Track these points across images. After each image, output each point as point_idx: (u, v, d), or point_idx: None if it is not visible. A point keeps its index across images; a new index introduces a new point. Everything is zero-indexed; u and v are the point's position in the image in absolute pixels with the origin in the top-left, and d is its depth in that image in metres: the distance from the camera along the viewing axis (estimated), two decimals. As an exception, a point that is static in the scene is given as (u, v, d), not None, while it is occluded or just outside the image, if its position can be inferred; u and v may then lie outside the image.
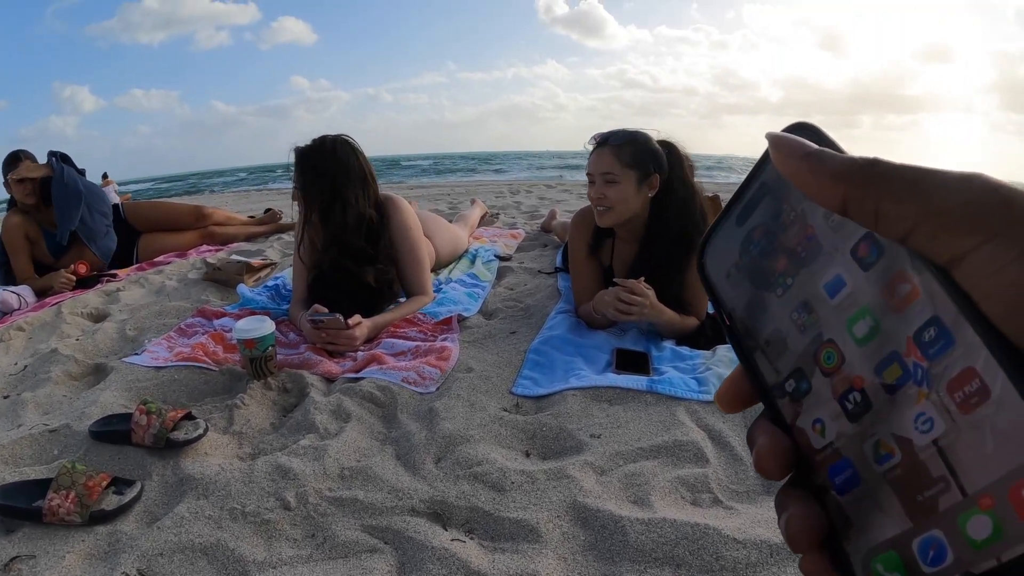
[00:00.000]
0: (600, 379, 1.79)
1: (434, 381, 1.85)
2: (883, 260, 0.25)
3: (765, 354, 0.30)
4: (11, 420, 1.79)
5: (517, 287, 2.91)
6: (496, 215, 5.08)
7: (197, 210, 4.38)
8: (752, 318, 0.31)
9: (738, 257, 0.32)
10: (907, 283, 0.24)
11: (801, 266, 0.28)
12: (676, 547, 1.13)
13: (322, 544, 1.22)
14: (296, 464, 1.42)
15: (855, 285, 0.26)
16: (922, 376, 0.23)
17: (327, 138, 2.34)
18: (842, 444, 0.26)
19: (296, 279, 2.50)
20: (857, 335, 0.26)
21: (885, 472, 0.24)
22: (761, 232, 0.31)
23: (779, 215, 0.30)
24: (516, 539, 1.21)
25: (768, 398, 0.30)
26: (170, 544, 1.20)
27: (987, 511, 0.20)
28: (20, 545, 1.25)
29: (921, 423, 0.23)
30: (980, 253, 0.21)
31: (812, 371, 0.28)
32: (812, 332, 0.28)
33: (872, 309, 0.25)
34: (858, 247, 0.26)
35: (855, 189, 0.24)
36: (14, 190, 3.54)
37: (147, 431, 1.51)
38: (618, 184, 2.12)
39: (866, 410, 0.25)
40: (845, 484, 0.26)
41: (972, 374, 0.21)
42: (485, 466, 1.40)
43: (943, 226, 0.22)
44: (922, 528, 0.23)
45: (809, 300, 0.28)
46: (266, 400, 1.80)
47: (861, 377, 0.26)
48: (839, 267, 0.27)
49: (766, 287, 0.30)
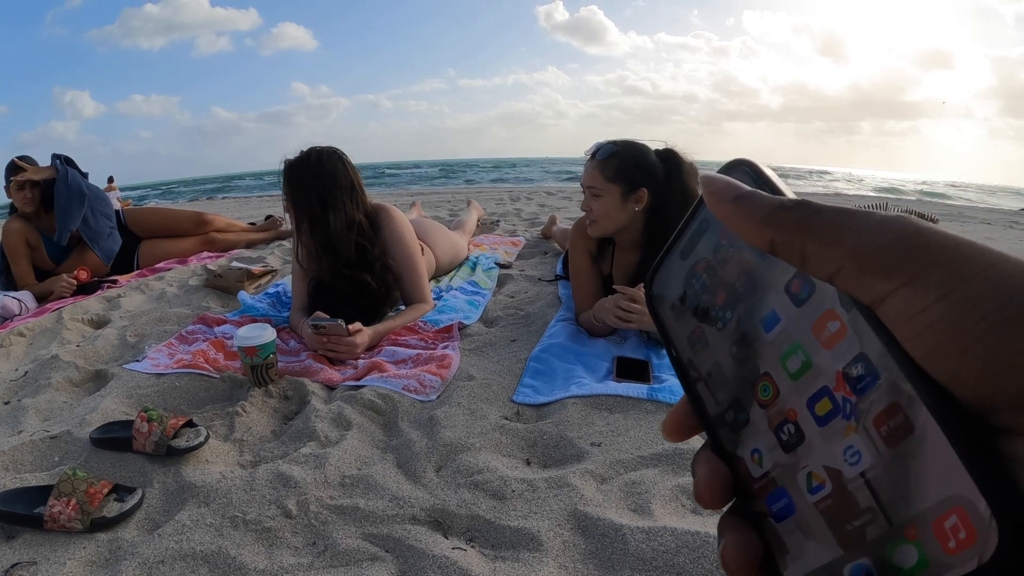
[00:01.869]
0: (601, 387, 1.79)
1: (435, 389, 1.85)
2: (814, 297, 0.26)
3: (707, 385, 0.31)
4: (12, 426, 1.79)
5: (518, 295, 2.92)
6: (496, 222, 5.09)
7: (197, 216, 4.38)
8: (695, 350, 0.32)
9: (682, 291, 0.33)
10: (836, 320, 0.25)
11: (739, 301, 0.29)
12: (677, 555, 1.13)
13: (323, 552, 1.22)
14: (297, 472, 1.42)
15: (788, 321, 0.27)
16: (851, 410, 0.24)
17: (313, 150, 2.37)
18: (778, 474, 0.27)
19: (296, 287, 2.50)
20: (791, 369, 0.27)
21: (817, 502, 0.25)
22: (703, 266, 0.31)
23: (719, 250, 0.30)
24: (517, 547, 1.21)
25: (710, 428, 0.31)
26: (171, 552, 1.20)
27: (912, 541, 0.21)
28: (21, 551, 1.25)
29: (850, 455, 0.24)
30: (899, 296, 0.22)
31: (750, 403, 0.29)
32: (750, 365, 0.29)
33: (804, 345, 0.26)
34: (791, 283, 0.27)
35: (782, 233, 0.25)
36: (14, 197, 3.55)
37: (148, 438, 1.51)
38: (601, 198, 2.15)
39: (800, 441, 0.26)
40: (781, 512, 0.27)
41: (896, 409, 0.22)
42: (486, 474, 1.40)
43: (864, 268, 0.23)
44: (852, 556, 0.23)
45: (747, 334, 0.29)
46: (267, 408, 1.80)
47: (795, 410, 0.26)
48: (774, 303, 0.27)
49: (707, 320, 0.31)
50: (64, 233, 3.55)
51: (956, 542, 0.20)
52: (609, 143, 2.18)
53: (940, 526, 0.20)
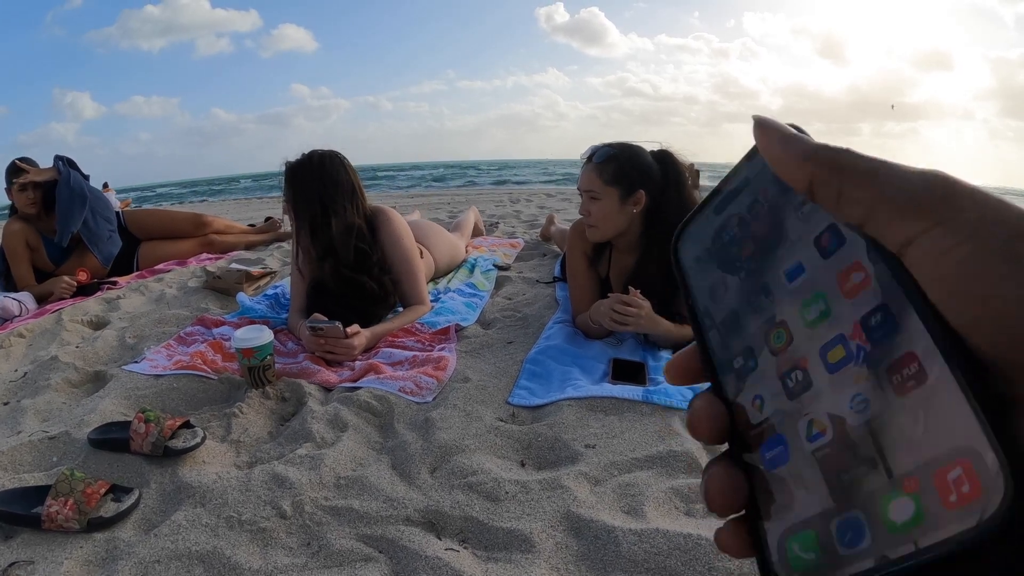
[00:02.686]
0: (596, 389, 1.79)
1: (431, 391, 1.86)
2: (842, 250, 0.26)
3: (719, 332, 0.31)
4: (10, 427, 1.80)
5: (515, 297, 2.92)
6: (495, 224, 5.09)
7: (197, 218, 4.39)
8: (713, 299, 0.32)
9: (710, 243, 0.33)
10: (861, 272, 0.25)
11: (766, 252, 0.30)
12: (668, 558, 1.14)
13: (317, 553, 1.23)
14: (293, 473, 1.43)
15: (813, 272, 0.27)
16: (864, 358, 0.24)
17: (315, 153, 2.38)
18: (778, 420, 0.27)
19: (294, 289, 2.51)
20: (808, 318, 0.27)
21: (815, 450, 0.25)
22: (735, 221, 0.32)
23: (754, 206, 0.31)
24: (509, 549, 1.21)
25: (714, 374, 0.31)
26: (167, 551, 1.21)
27: (911, 494, 0.21)
28: (18, 551, 1.26)
29: (857, 403, 0.24)
30: (927, 238, 0.23)
31: (761, 350, 0.29)
32: (766, 314, 0.29)
33: (826, 294, 0.26)
34: (821, 237, 0.27)
35: (821, 171, 0.26)
36: (16, 198, 3.56)
37: (145, 439, 1.52)
38: (599, 201, 2.14)
39: (806, 388, 0.26)
40: (775, 460, 0.27)
41: (912, 358, 0.22)
42: (480, 476, 1.41)
43: (895, 211, 0.24)
44: (843, 508, 0.23)
45: (769, 283, 0.29)
46: (264, 409, 1.81)
47: (806, 357, 0.27)
48: (801, 255, 0.28)
49: (731, 271, 0.31)
50: (65, 235, 3.56)
51: (957, 496, 0.19)
52: (605, 146, 2.18)
53: (943, 478, 0.20)
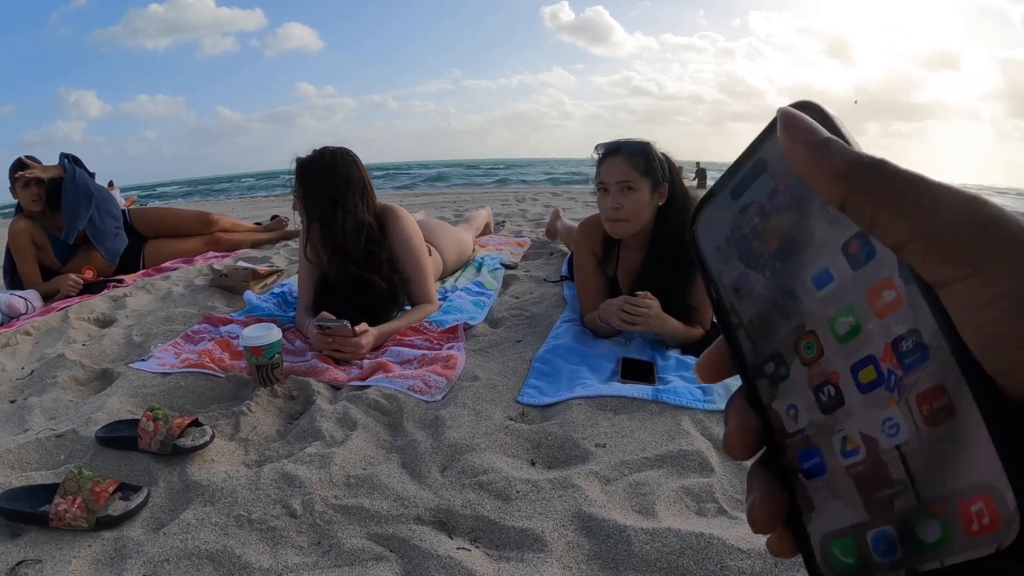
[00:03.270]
0: (605, 388, 1.78)
1: (440, 390, 1.85)
2: (873, 262, 0.25)
3: (748, 333, 0.31)
4: (18, 424, 1.80)
5: (523, 295, 2.92)
6: (502, 223, 5.08)
7: (203, 216, 4.39)
8: (738, 295, 0.31)
9: (729, 232, 0.32)
10: (892, 290, 0.24)
11: (791, 252, 0.28)
12: (681, 557, 1.13)
13: (328, 552, 1.22)
14: (302, 471, 1.42)
15: (842, 282, 0.26)
16: (895, 383, 0.24)
17: (327, 149, 2.37)
18: (813, 433, 0.27)
19: (302, 287, 2.51)
20: (838, 332, 0.26)
21: (849, 466, 0.26)
22: (755, 210, 0.30)
23: (775, 195, 0.29)
24: (521, 548, 1.21)
25: (747, 377, 0.31)
26: (176, 550, 1.21)
27: (938, 518, 0.22)
28: (26, 549, 1.25)
29: (888, 427, 0.24)
30: (965, 285, 0.21)
31: (792, 358, 0.28)
32: (795, 320, 0.28)
33: (855, 309, 0.25)
34: (850, 244, 0.26)
35: (856, 192, 0.24)
36: (21, 196, 3.56)
37: (153, 437, 1.51)
38: (635, 192, 2.11)
39: (839, 405, 0.26)
40: (811, 470, 0.27)
41: (942, 392, 0.22)
42: (490, 475, 1.40)
43: (933, 249, 0.22)
44: (877, 522, 0.24)
45: (795, 288, 0.28)
46: (272, 407, 1.80)
47: (837, 373, 0.26)
48: (828, 260, 0.27)
49: (755, 267, 0.30)
50: (72, 232, 3.56)
51: (979, 526, 0.21)
52: (629, 139, 2.16)
53: (966, 508, 0.21)
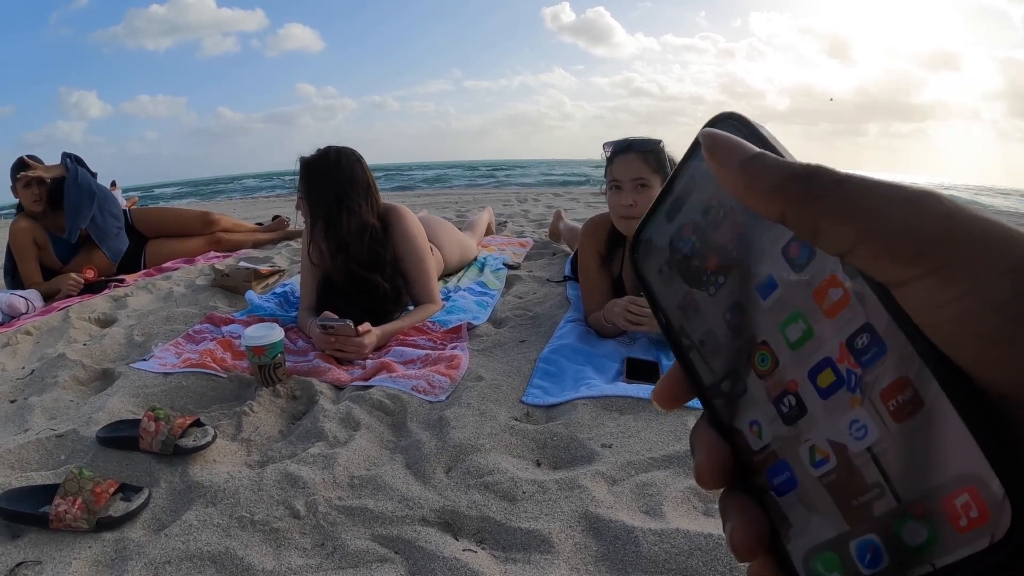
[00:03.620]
0: (610, 388, 1.77)
1: (444, 390, 1.84)
2: (814, 262, 0.24)
3: (700, 354, 0.30)
4: (18, 424, 1.78)
5: (526, 296, 2.91)
6: (504, 223, 5.08)
7: (204, 216, 4.38)
8: (686, 317, 0.30)
9: (669, 254, 0.31)
10: (839, 288, 0.23)
11: (732, 265, 0.27)
12: (690, 558, 1.12)
13: (332, 553, 1.21)
14: (305, 472, 1.41)
15: (786, 287, 0.25)
16: (855, 382, 0.23)
17: (331, 149, 2.37)
18: (779, 447, 0.26)
19: (304, 286, 2.50)
20: (790, 338, 0.25)
21: (821, 476, 0.24)
22: (691, 229, 0.29)
23: (709, 211, 0.28)
24: (528, 549, 1.19)
25: (705, 398, 0.30)
26: (178, 552, 1.19)
27: (921, 519, 0.21)
28: (26, 550, 1.24)
29: (855, 429, 0.23)
30: (922, 284, 0.20)
31: (747, 373, 0.27)
32: (746, 334, 0.27)
33: (804, 312, 0.25)
34: (789, 247, 0.25)
35: (794, 206, 0.23)
36: (22, 196, 3.56)
37: (155, 437, 1.50)
38: (650, 189, 2.10)
39: (801, 414, 0.25)
40: (783, 486, 0.26)
41: (906, 383, 0.21)
42: (496, 475, 1.39)
43: (883, 251, 0.21)
44: (859, 532, 0.23)
45: (742, 301, 0.27)
46: (275, 407, 1.79)
47: (795, 381, 0.25)
48: (770, 268, 0.26)
49: (698, 285, 0.29)
50: (74, 231, 3.56)
51: (967, 520, 0.19)
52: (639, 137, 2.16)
53: (951, 504, 0.20)
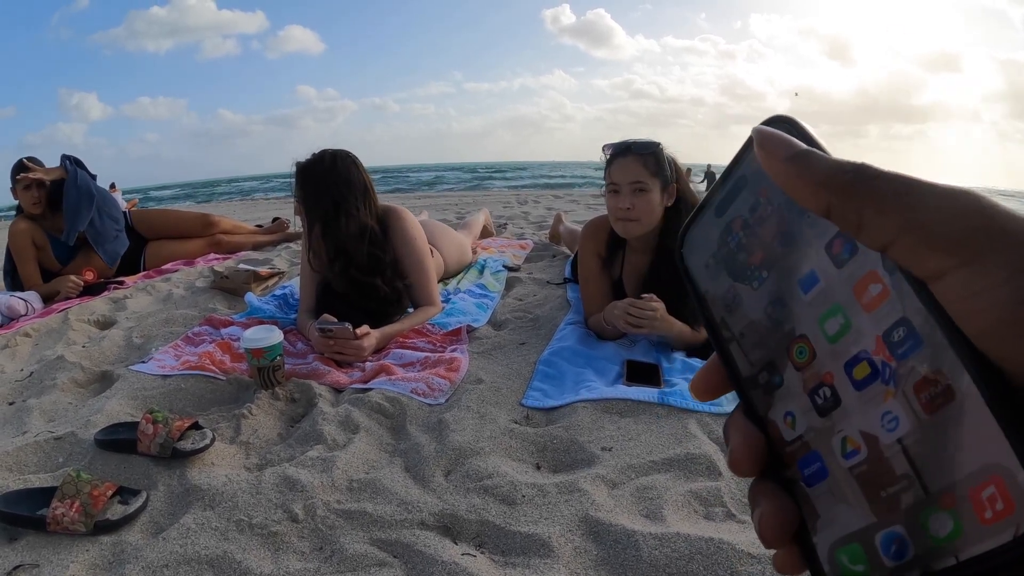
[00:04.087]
0: (611, 391, 1.77)
1: (443, 392, 1.83)
2: (856, 258, 0.25)
3: (740, 346, 0.31)
4: (16, 427, 1.78)
5: (526, 298, 2.90)
6: (504, 225, 5.08)
7: (204, 218, 4.39)
8: (728, 310, 0.31)
9: (716, 248, 0.32)
10: (878, 283, 0.24)
11: (777, 260, 0.29)
12: (690, 562, 1.11)
13: (330, 557, 1.20)
14: (304, 475, 1.40)
15: (828, 282, 0.26)
16: (890, 375, 0.23)
17: (327, 152, 2.36)
18: (812, 438, 0.27)
19: (304, 289, 2.49)
20: (829, 332, 0.26)
21: (852, 467, 0.25)
22: (739, 224, 0.31)
23: (757, 208, 0.30)
24: (527, 553, 1.19)
25: (742, 390, 0.30)
26: (175, 555, 1.19)
27: (948, 510, 0.21)
28: (23, 553, 1.24)
29: (887, 421, 0.23)
30: (958, 275, 0.21)
31: (784, 365, 0.28)
32: (786, 327, 0.28)
33: (844, 307, 0.25)
34: (832, 244, 0.26)
35: (839, 197, 0.24)
36: (22, 198, 3.56)
37: (153, 440, 1.49)
38: (647, 193, 2.10)
39: (835, 406, 0.26)
40: (813, 477, 0.27)
41: (938, 376, 0.22)
42: (495, 479, 1.38)
43: (923, 242, 0.22)
44: (885, 523, 0.23)
45: (783, 295, 0.28)
46: (273, 410, 1.78)
47: (831, 373, 0.26)
48: (813, 263, 0.27)
49: (742, 279, 0.30)
50: (72, 233, 3.56)
51: (993, 512, 0.20)
52: (639, 139, 2.16)
53: (977, 495, 0.20)
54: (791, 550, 0.27)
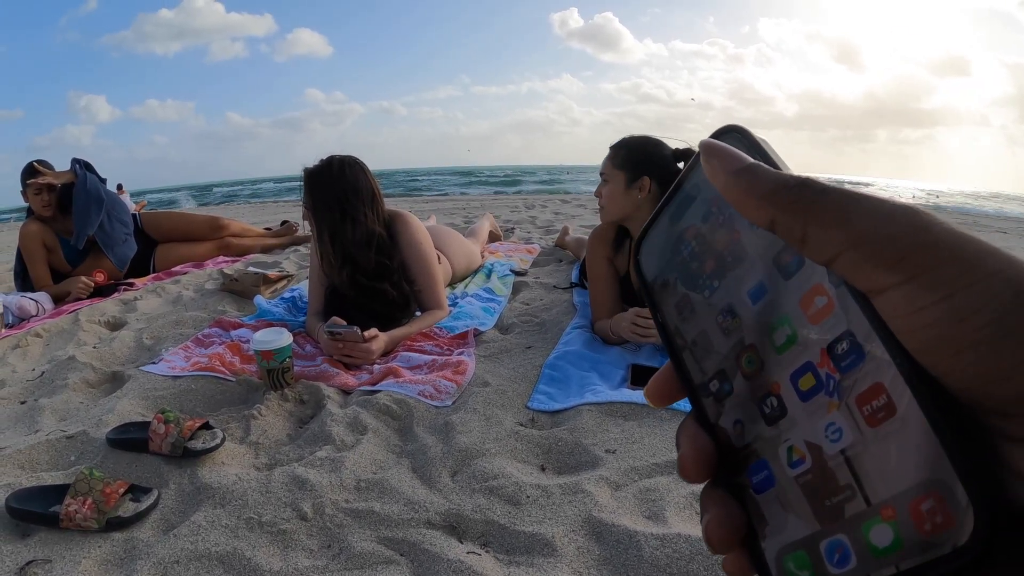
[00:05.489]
0: (615, 394, 1.78)
1: (450, 395, 1.85)
2: (803, 271, 0.25)
3: (692, 354, 0.31)
4: (28, 426, 1.80)
5: (533, 302, 2.92)
6: (511, 230, 5.09)
7: (213, 221, 4.41)
8: (681, 318, 0.32)
9: (670, 256, 0.32)
10: (824, 295, 0.24)
11: (727, 270, 0.29)
12: (691, 563, 1.12)
13: (338, 555, 1.22)
14: (313, 475, 1.42)
15: (776, 293, 0.27)
16: (833, 387, 0.24)
17: (335, 158, 2.36)
18: (760, 446, 0.27)
19: (313, 292, 2.51)
20: (776, 343, 0.26)
21: (797, 476, 0.25)
22: (692, 233, 0.31)
23: (709, 217, 0.30)
24: (531, 553, 1.20)
25: (694, 396, 0.31)
26: (186, 552, 1.21)
27: (888, 521, 0.21)
28: (36, 549, 1.26)
29: (831, 432, 0.24)
30: (900, 291, 0.22)
31: (735, 373, 0.29)
32: (735, 336, 0.29)
33: (791, 318, 0.26)
34: (780, 256, 0.26)
35: (783, 213, 0.24)
36: (32, 201, 3.59)
37: (164, 439, 1.52)
38: (608, 184, 2.28)
39: (782, 415, 0.26)
40: (762, 484, 0.27)
41: (880, 389, 0.22)
42: (501, 480, 1.40)
43: (866, 258, 0.22)
44: (829, 532, 0.24)
45: (733, 304, 0.29)
46: (283, 411, 1.80)
47: (778, 383, 0.26)
48: (762, 274, 0.27)
49: (695, 288, 0.31)
50: (82, 237, 3.59)
51: (932, 525, 0.20)
52: (625, 136, 2.33)
53: (917, 508, 0.20)
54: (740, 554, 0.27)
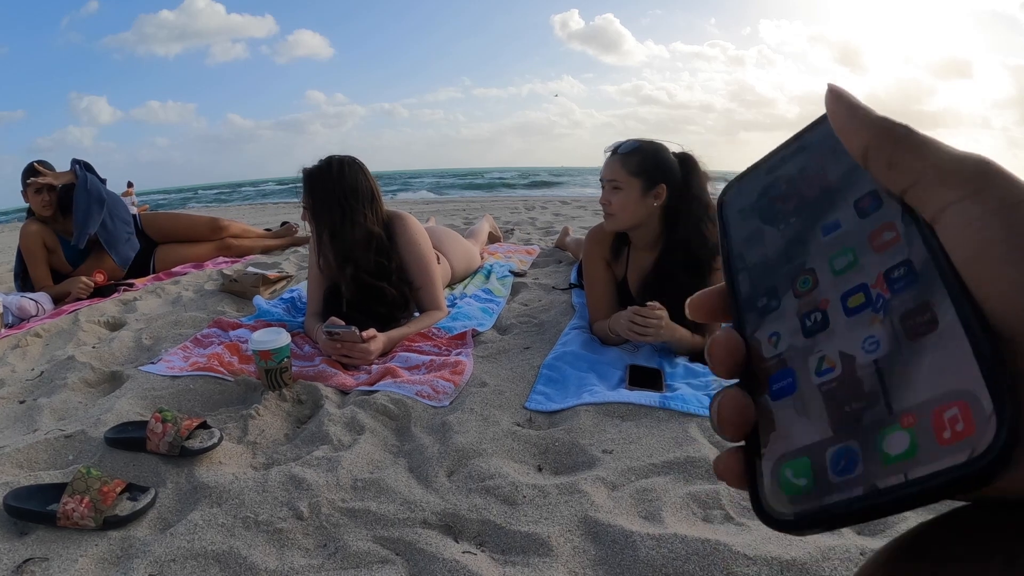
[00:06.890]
0: (613, 395, 1.78)
1: (448, 395, 1.85)
2: (878, 212, 0.28)
3: (749, 274, 0.33)
4: (27, 425, 1.81)
5: (531, 303, 2.92)
6: (511, 231, 5.09)
7: (213, 222, 4.42)
8: (748, 245, 0.34)
9: (756, 197, 0.35)
10: (892, 231, 0.27)
11: (807, 208, 0.32)
12: (687, 563, 1.12)
13: (334, 554, 1.22)
14: (309, 474, 1.42)
15: (848, 228, 0.29)
16: (882, 305, 0.25)
17: (334, 159, 2.36)
18: (789, 356, 0.28)
19: (311, 292, 2.51)
20: (836, 267, 0.28)
21: (821, 384, 0.26)
22: (784, 180, 0.34)
23: (804, 169, 0.33)
24: (527, 553, 1.20)
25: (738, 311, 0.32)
26: (183, 551, 1.21)
27: (907, 428, 0.22)
28: (33, 547, 1.26)
29: (868, 344, 0.25)
30: (959, 207, 0.24)
31: (785, 292, 0.30)
32: (797, 261, 0.31)
33: (855, 248, 0.28)
34: (861, 200, 0.29)
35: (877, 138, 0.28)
36: (32, 202, 3.59)
37: (162, 439, 1.52)
38: (621, 191, 2.16)
39: (822, 328, 0.28)
40: (781, 391, 0.28)
41: (926, 307, 0.23)
42: (497, 480, 1.40)
43: (936, 180, 0.25)
44: (841, 439, 0.24)
45: (804, 235, 0.31)
46: (280, 411, 1.80)
47: (827, 300, 0.28)
48: (839, 213, 0.30)
49: (770, 222, 0.33)
50: (82, 237, 3.59)
51: (952, 433, 0.21)
52: (634, 139, 2.21)
53: (939, 416, 0.21)
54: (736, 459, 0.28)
